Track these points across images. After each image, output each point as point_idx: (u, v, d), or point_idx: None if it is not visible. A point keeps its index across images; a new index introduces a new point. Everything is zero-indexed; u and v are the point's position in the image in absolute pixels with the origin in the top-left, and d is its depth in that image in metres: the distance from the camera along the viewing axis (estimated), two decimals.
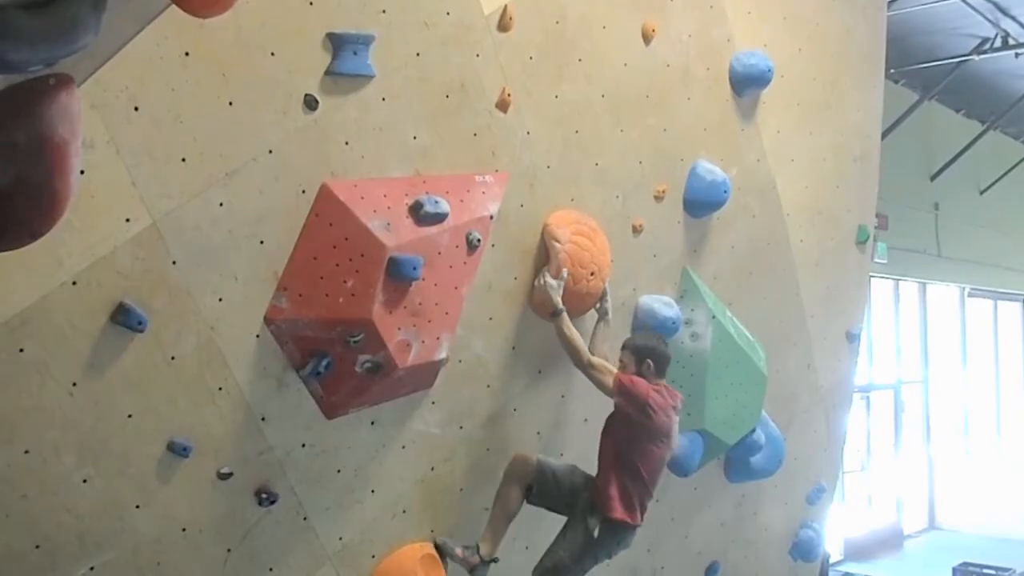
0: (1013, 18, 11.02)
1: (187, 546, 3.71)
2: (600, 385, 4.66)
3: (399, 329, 3.91)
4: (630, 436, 4.68)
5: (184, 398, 3.62)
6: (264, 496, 3.89)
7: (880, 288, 13.75)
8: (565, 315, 4.61)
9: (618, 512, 4.62)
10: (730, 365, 5.70)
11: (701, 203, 5.63)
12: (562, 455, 5.08)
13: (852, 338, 7.27)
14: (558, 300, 4.62)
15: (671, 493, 5.88)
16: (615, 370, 4.68)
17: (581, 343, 4.65)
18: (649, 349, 4.78)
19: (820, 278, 6.77)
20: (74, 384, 3.33)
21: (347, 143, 3.99)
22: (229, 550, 3.85)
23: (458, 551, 4.51)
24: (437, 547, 4.53)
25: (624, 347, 4.83)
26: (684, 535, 6.08)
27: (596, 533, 4.61)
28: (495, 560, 4.55)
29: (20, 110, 2.66)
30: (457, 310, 4.22)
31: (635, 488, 4.68)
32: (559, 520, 4.77)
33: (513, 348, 4.73)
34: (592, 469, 4.78)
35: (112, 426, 3.44)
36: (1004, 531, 14.14)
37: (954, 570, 11.72)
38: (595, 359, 4.69)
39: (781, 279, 6.47)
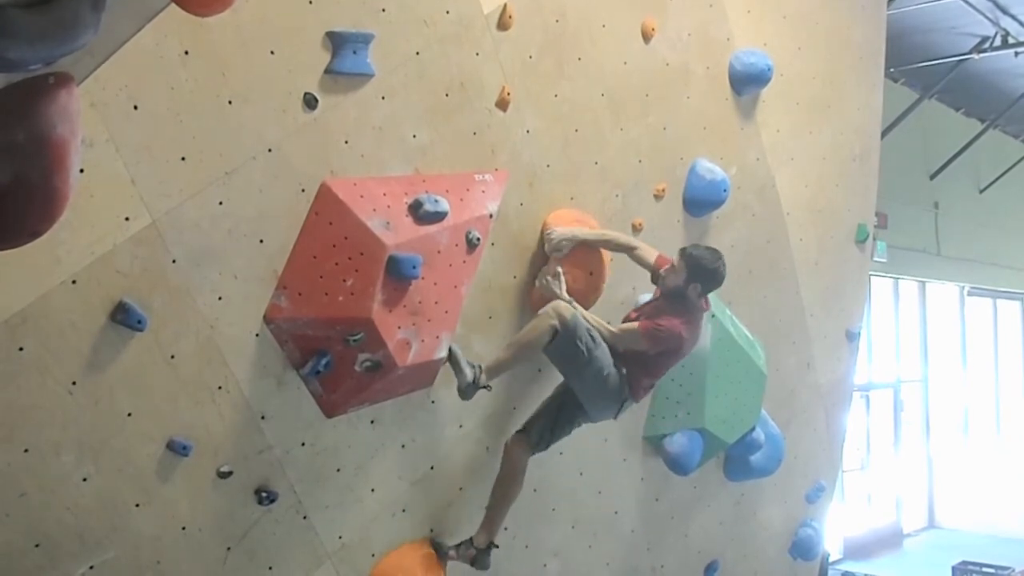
0: (1013, 17, 11.02)
1: (187, 545, 3.70)
2: (634, 346, 4.61)
3: (399, 328, 3.91)
4: (659, 362, 4.74)
5: (184, 397, 3.62)
6: (264, 495, 3.89)
7: (880, 287, 13.76)
8: (576, 306, 4.54)
9: (639, 396, 4.77)
10: (730, 364, 5.70)
11: (701, 202, 5.62)
12: (562, 454, 5.08)
13: (852, 337, 7.27)
14: (564, 294, 4.57)
15: (671, 492, 5.89)
16: (634, 326, 4.64)
17: (601, 322, 4.61)
18: (703, 272, 4.66)
19: (820, 277, 6.77)
20: (74, 383, 3.32)
21: (347, 142, 3.98)
22: (229, 549, 3.85)
23: (451, 553, 4.52)
24: (435, 546, 4.54)
25: (681, 254, 4.71)
26: (684, 533, 6.08)
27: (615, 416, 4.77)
28: (494, 546, 4.53)
29: (19, 109, 2.66)
30: (457, 309, 4.21)
31: (651, 383, 4.87)
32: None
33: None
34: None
35: (112, 425, 3.44)
36: (1003, 530, 14.16)
37: (953, 569, 11.74)
38: (615, 328, 4.64)
39: (781, 278, 6.47)
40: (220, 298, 3.66)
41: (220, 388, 3.71)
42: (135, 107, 3.35)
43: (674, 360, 4.83)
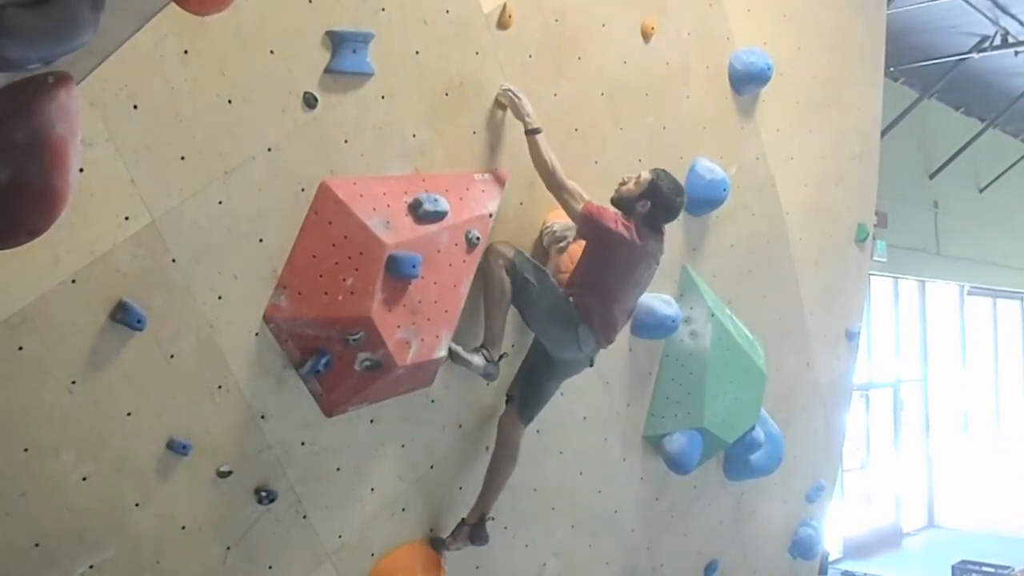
0: (1012, 16, 11.01)
1: (186, 544, 3.70)
2: (569, 210, 4.49)
3: (398, 327, 3.91)
4: (597, 263, 4.52)
5: (183, 396, 3.62)
6: (263, 494, 3.89)
7: (879, 286, 13.76)
8: (542, 135, 4.43)
9: (597, 326, 4.51)
10: (729, 363, 5.70)
11: (701, 201, 5.62)
12: (562, 453, 5.09)
13: (851, 336, 7.27)
14: (533, 116, 4.43)
15: (670, 491, 5.89)
16: (588, 198, 4.49)
17: (557, 163, 4.46)
18: (657, 193, 4.55)
19: (819, 276, 6.77)
20: (73, 382, 3.32)
21: (346, 141, 3.98)
22: (228, 548, 3.85)
23: (449, 542, 4.53)
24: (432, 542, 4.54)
25: (650, 171, 4.62)
26: (683, 533, 6.08)
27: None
28: (488, 519, 4.52)
29: (18, 108, 2.66)
30: (456, 308, 4.21)
31: (603, 308, 4.53)
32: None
33: (512, 345, 4.72)
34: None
35: (111, 424, 3.44)
36: (1003, 529, 14.16)
37: (953, 568, 11.74)
38: (570, 183, 4.49)
39: (780, 277, 6.47)
40: (220, 297, 3.66)
41: (220, 387, 3.71)
42: (135, 106, 3.35)
43: (611, 272, 4.52)
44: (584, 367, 4.75)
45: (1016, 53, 11.80)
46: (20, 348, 3.19)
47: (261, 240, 3.75)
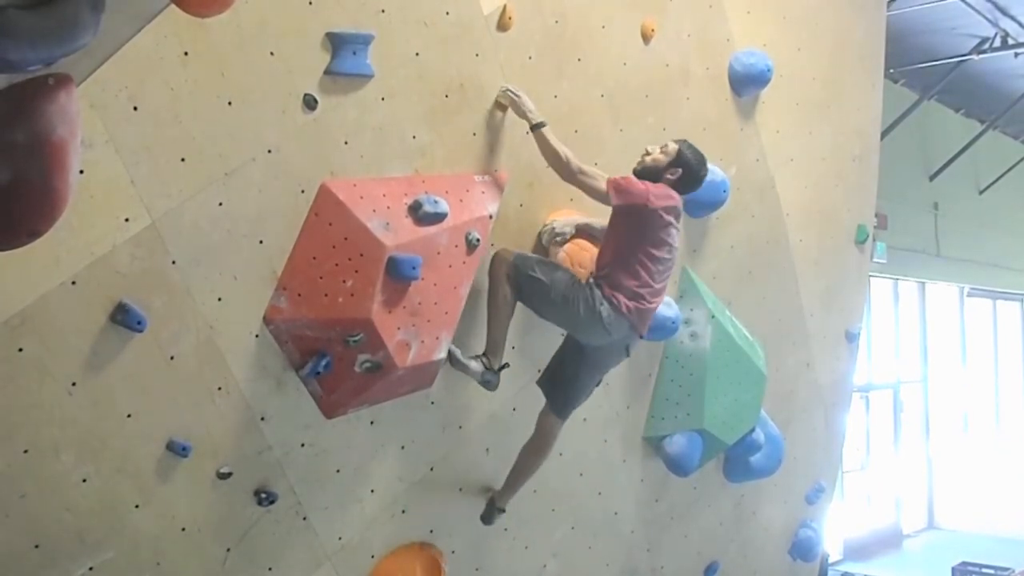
0: (1012, 18, 11.01)
1: (186, 545, 3.70)
2: (593, 191, 4.45)
3: (398, 329, 3.91)
4: (628, 235, 4.45)
5: (183, 397, 3.62)
6: (263, 495, 3.89)
7: (879, 288, 13.76)
8: (548, 127, 4.42)
9: (624, 307, 4.36)
10: (729, 364, 5.70)
11: (700, 203, 5.61)
12: (561, 455, 5.08)
13: (851, 337, 7.27)
14: (535, 112, 4.42)
15: (670, 493, 5.89)
16: (604, 175, 4.46)
17: (568, 151, 4.43)
18: (685, 160, 4.56)
19: (819, 277, 6.78)
20: (73, 383, 3.32)
21: (346, 142, 3.99)
22: (228, 549, 3.85)
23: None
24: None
25: (677, 142, 4.62)
26: (683, 534, 6.08)
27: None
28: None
29: (19, 109, 2.66)
30: (457, 310, 4.21)
31: (633, 285, 4.41)
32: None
33: (512, 348, 4.72)
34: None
35: (111, 425, 3.44)
36: (1003, 531, 14.15)
37: (953, 570, 11.73)
38: (585, 166, 4.45)
39: (780, 279, 6.47)
40: (220, 299, 3.66)
41: (220, 389, 3.71)
42: (135, 108, 3.36)
43: (642, 242, 4.40)
44: (621, 357, 4.66)
45: (1016, 55, 11.79)
46: (20, 349, 3.20)
47: (261, 241, 3.75)
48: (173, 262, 3.52)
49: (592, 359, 4.59)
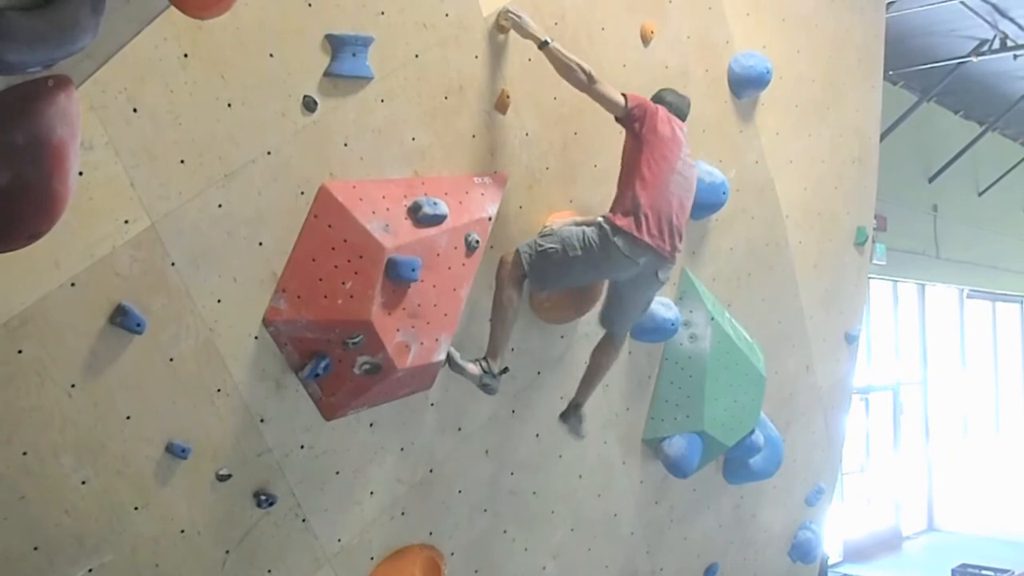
0: (1011, 20, 11.02)
1: (186, 547, 3.70)
2: (609, 101, 4.49)
3: (398, 330, 3.91)
4: (647, 152, 4.51)
5: (183, 399, 3.62)
6: (263, 498, 3.89)
7: (879, 289, 13.76)
8: (556, 43, 4.41)
9: (638, 230, 4.39)
10: (729, 366, 5.70)
11: (700, 205, 5.58)
12: (561, 457, 5.09)
13: (851, 339, 7.27)
14: (538, 31, 4.42)
15: (670, 495, 5.89)
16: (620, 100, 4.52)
17: (581, 61, 4.41)
18: (665, 101, 4.75)
19: (819, 279, 6.78)
20: (73, 385, 3.32)
21: (346, 144, 3.99)
22: (228, 552, 3.84)
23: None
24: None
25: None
26: (683, 536, 6.08)
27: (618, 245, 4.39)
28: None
29: (19, 112, 2.66)
30: (456, 312, 4.21)
31: (656, 203, 4.46)
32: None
33: (512, 349, 4.72)
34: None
35: (111, 427, 3.44)
36: (1003, 532, 14.14)
37: (953, 571, 11.73)
38: (597, 75, 4.46)
39: (780, 280, 6.47)
40: (219, 301, 3.66)
41: (219, 391, 3.71)
42: (134, 110, 3.36)
43: (663, 158, 4.50)
44: (657, 284, 4.68)
45: (1015, 57, 11.80)
46: (20, 351, 3.19)
47: (260, 243, 3.75)
48: (172, 264, 3.52)
49: (628, 287, 4.66)
